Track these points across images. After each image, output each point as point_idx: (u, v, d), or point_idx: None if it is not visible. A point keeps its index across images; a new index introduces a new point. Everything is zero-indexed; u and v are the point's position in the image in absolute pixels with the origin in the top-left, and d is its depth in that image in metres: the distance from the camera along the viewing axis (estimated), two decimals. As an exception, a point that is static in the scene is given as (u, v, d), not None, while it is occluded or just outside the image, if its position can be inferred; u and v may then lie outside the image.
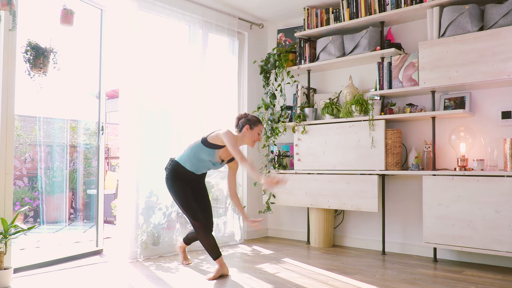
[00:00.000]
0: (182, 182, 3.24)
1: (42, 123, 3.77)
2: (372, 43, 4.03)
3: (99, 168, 3.95)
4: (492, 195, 3.23)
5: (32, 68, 3.17)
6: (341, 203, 4.06)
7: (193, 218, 3.17)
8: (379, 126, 3.86)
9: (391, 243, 4.11)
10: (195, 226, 3.18)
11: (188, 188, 3.25)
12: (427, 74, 3.58)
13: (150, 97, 4.00)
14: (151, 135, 4.00)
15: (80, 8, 3.59)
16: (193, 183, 3.31)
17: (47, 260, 3.44)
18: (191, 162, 3.21)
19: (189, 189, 3.25)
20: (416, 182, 3.96)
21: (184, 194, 3.20)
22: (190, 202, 3.19)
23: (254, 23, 5.00)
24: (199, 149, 3.18)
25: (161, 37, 4.12)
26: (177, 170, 3.23)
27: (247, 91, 4.92)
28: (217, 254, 3.19)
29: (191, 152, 3.21)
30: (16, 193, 4.30)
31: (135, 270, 3.38)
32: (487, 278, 3.14)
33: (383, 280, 3.07)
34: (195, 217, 3.16)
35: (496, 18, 3.33)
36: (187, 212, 3.19)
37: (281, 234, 4.98)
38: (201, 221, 3.17)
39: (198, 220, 3.17)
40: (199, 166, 3.24)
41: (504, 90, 3.56)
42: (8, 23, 2.99)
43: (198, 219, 3.17)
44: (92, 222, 4.07)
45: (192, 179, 3.30)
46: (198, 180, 3.36)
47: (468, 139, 3.58)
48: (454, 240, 3.40)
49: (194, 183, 3.33)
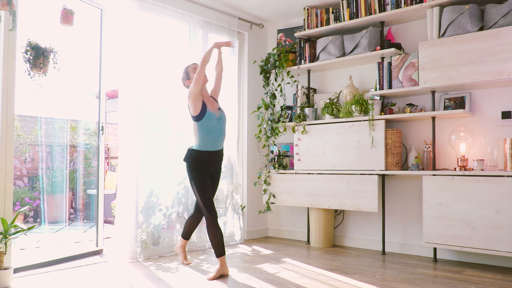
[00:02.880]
0: (203, 172, 3.30)
1: (42, 123, 3.77)
2: (372, 43, 4.03)
3: (99, 168, 3.95)
4: (492, 195, 3.23)
5: (32, 68, 3.17)
6: (341, 203, 4.06)
7: (208, 211, 3.22)
8: (379, 126, 3.86)
9: (391, 243, 4.11)
10: (208, 220, 3.22)
11: (208, 179, 3.32)
12: (427, 74, 3.58)
13: (150, 97, 4.00)
14: (151, 135, 4.00)
15: (80, 8, 3.59)
16: (212, 167, 3.37)
17: (47, 260, 3.44)
18: (205, 141, 3.29)
19: (209, 180, 3.32)
20: (416, 182, 3.96)
21: (205, 186, 3.27)
22: (208, 195, 3.27)
23: (254, 23, 5.00)
24: (200, 125, 3.27)
25: (161, 37, 4.12)
26: (196, 157, 3.30)
27: (247, 91, 4.92)
28: (222, 252, 3.21)
29: (200, 133, 3.28)
30: (16, 193, 4.30)
31: (135, 270, 3.38)
32: (487, 278, 3.14)
33: (383, 280, 3.07)
34: (211, 210, 3.22)
35: (496, 18, 3.33)
36: (204, 205, 3.24)
37: (281, 234, 4.98)
38: (215, 215, 3.23)
39: (212, 214, 3.22)
40: (213, 138, 3.30)
41: (504, 90, 3.56)
42: (8, 23, 2.99)
43: (213, 213, 3.22)
44: (92, 222, 4.07)
45: (211, 162, 3.34)
46: (217, 160, 3.40)
47: (468, 139, 3.58)
48: (454, 240, 3.40)
49: (213, 167, 3.38)
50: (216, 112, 3.33)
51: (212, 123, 3.28)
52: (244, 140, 4.90)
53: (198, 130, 3.29)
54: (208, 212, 3.22)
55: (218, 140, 3.34)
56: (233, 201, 4.55)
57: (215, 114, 3.31)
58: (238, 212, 4.56)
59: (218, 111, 3.35)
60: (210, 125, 3.27)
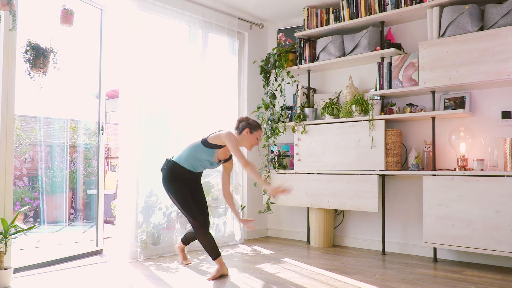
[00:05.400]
0: (180, 182, 3.28)
1: (42, 123, 3.77)
2: (372, 43, 4.03)
3: (99, 168, 3.95)
4: (492, 195, 3.23)
5: (32, 68, 3.17)
6: (341, 203, 4.06)
7: (192, 218, 3.20)
8: (379, 126, 3.86)
9: (391, 243, 4.11)
10: (194, 226, 3.21)
11: (186, 188, 3.29)
12: (427, 74, 3.58)
13: (150, 97, 4.00)
14: (151, 135, 4.00)
15: (80, 8, 3.59)
16: (190, 182, 3.35)
17: (47, 260, 3.44)
18: (189, 162, 3.26)
19: (186, 189, 3.29)
20: (416, 182, 3.96)
21: (183, 194, 3.24)
22: (188, 202, 3.23)
23: (254, 23, 5.00)
24: (198, 149, 3.23)
25: (161, 37, 4.12)
26: (174, 170, 3.27)
27: (247, 91, 4.92)
28: (216, 254, 3.20)
29: (190, 152, 3.25)
30: (16, 193, 4.30)
31: (135, 270, 3.38)
32: (487, 278, 3.14)
33: (383, 280, 3.07)
34: (194, 216, 3.20)
35: (496, 18, 3.33)
36: (186, 212, 3.22)
37: (281, 234, 4.97)
38: (200, 220, 3.20)
39: (197, 219, 3.19)
40: (196, 165, 3.28)
41: (504, 90, 3.56)
42: (8, 23, 2.99)
43: (197, 218, 3.20)
44: (92, 222, 4.07)
45: (189, 178, 3.33)
46: (194, 179, 3.40)
47: (468, 139, 3.58)
48: (454, 240, 3.40)
49: (191, 182, 3.36)
50: (216, 160, 3.29)
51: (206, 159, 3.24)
52: (244, 140, 4.89)
53: (193, 149, 3.24)
54: (193, 218, 3.19)
55: (197, 169, 3.31)
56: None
57: (215, 159, 3.26)
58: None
59: (218, 161, 3.32)
60: (204, 158, 3.23)
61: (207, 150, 3.21)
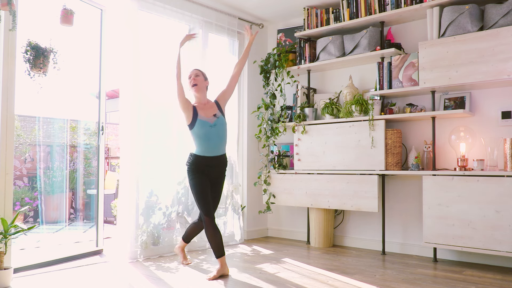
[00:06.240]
0: (201, 174, 3.31)
1: (42, 123, 3.77)
2: (372, 43, 4.03)
3: (99, 168, 3.95)
4: (492, 195, 3.23)
5: (32, 68, 3.17)
6: (341, 203, 4.06)
7: (206, 213, 3.22)
8: (379, 126, 3.86)
9: (391, 243, 4.11)
10: (206, 221, 3.22)
11: (207, 182, 3.32)
12: (427, 74, 3.58)
13: (150, 97, 4.00)
14: (151, 135, 4.00)
15: (80, 8, 3.59)
16: (212, 172, 3.36)
17: (47, 260, 3.44)
18: (201, 146, 3.32)
19: (208, 182, 3.33)
20: (416, 182, 3.96)
21: (202, 187, 3.28)
22: (206, 197, 3.27)
23: (254, 23, 5.00)
24: (193, 133, 3.34)
25: (161, 37, 4.12)
26: (194, 161, 3.33)
27: (247, 91, 4.92)
28: (221, 253, 3.21)
29: (195, 140, 3.35)
30: (16, 193, 4.30)
31: (135, 270, 3.38)
32: (487, 278, 3.14)
33: (383, 280, 3.07)
34: (208, 212, 3.23)
35: (496, 18, 3.33)
36: (201, 206, 3.25)
37: (281, 234, 4.98)
38: (213, 217, 3.23)
39: (210, 215, 3.22)
40: (208, 143, 3.31)
41: (504, 90, 3.56)
42: (8, 23, 2.99)
43: (211, 215, 3.22)
44: (92, 222, 4.07)
45: (210, 167, 3.34)
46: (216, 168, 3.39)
47: (468, 139, 3.58)
48: (454, 240, 3.40)
49: (213, 172, 3.37)
50: (210, 119, 3.32)
51: (205, 129, 3.29)
52: (244, 140, 4.90)
53: (192, 137, 3.36)
54: (205, 214, 3.22)
55: (215, 146, 3.33)
56: (233, 201, 4.55)
57: (207, 121, 3.30)
58: (238, 212, 4.56)
59: (212, 118, 3.34)
60: (203, 132, 3.28)
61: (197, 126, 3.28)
